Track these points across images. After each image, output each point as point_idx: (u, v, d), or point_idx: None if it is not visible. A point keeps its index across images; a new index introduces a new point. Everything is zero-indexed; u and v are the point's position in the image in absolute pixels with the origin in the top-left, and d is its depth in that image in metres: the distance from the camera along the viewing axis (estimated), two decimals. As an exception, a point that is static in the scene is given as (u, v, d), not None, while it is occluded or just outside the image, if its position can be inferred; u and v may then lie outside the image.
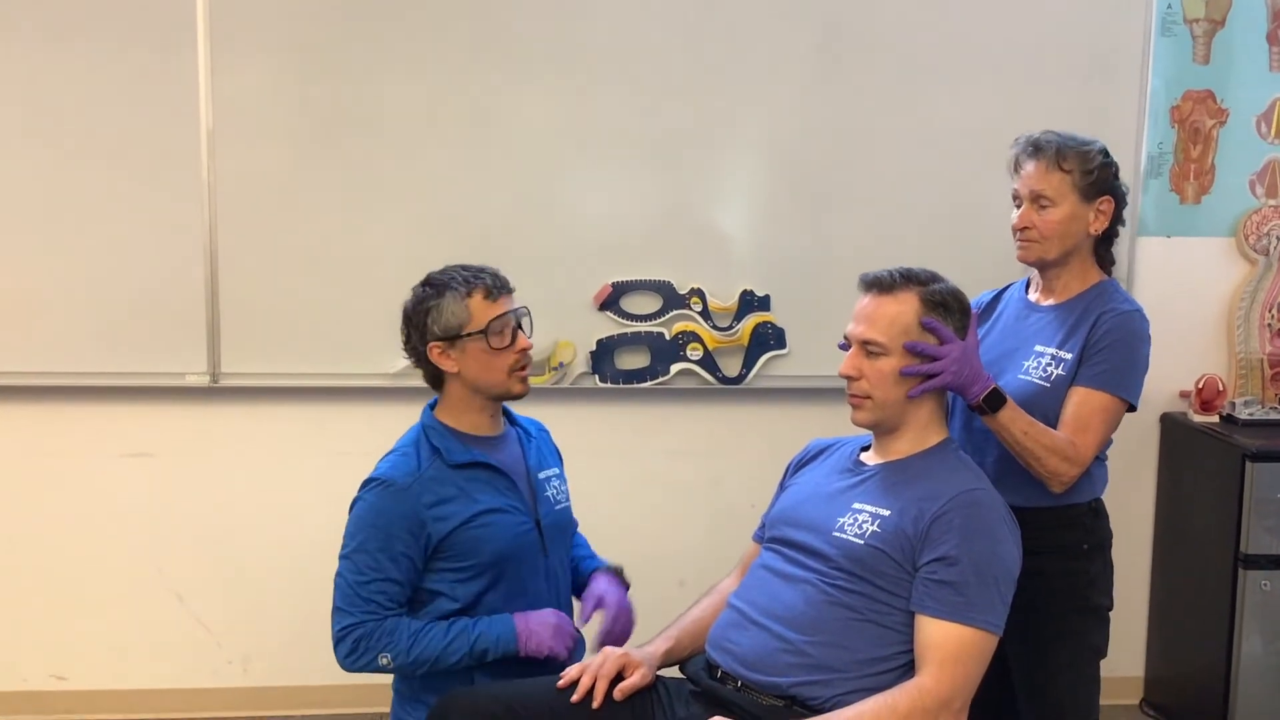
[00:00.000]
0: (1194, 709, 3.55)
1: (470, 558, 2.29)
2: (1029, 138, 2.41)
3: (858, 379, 2.15)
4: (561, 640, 2.30)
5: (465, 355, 2.32)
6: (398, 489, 2.27)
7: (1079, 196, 2.36)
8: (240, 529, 3.55)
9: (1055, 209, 2.36)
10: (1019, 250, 2.42)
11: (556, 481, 2.49)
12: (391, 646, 2.24)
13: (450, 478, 2.30)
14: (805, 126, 3.46)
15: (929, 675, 1.97)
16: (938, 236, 3.44)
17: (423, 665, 2.26)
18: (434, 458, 2.32)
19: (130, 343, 3.37)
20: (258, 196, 3.36)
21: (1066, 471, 2.27)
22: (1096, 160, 2.37)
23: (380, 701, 3.56)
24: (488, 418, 2.40)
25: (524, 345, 2.33)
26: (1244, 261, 3.66)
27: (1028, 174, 2.38)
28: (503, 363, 2.32)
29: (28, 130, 3.30)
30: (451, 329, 2.31)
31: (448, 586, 2.31)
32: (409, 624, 2.26)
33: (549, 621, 2.30)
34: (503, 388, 2.34)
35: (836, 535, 2.10)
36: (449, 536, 2.28)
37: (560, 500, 2.47)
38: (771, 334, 3.50)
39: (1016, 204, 2.42)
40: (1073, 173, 2.36)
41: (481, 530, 2.29)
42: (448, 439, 2.35)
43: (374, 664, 2.26)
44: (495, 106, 3.37)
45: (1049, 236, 2.37)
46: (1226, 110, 3.59)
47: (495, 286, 2.32)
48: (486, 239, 3.35)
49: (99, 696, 3.56)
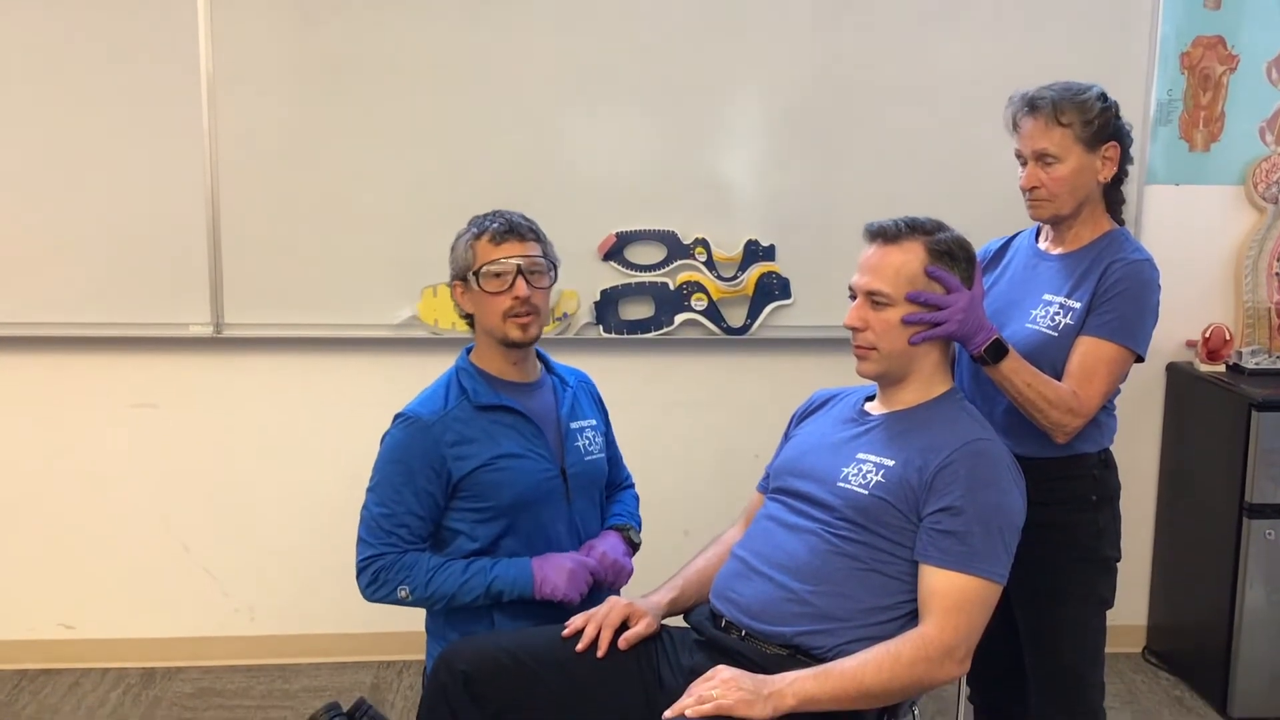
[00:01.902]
0: (1196, 658, 3.58)
1: (488, 499, 2.33)
2: (1024, 95, 2.35)
3: (863, 330, 2.13)
4: (575, 586, 2.32)
5: (473, 296, 2.36)
6: (422, 425, 2.31)
7: (1083, 148, 2.32)
8: (246, 479, 3.56)
9: (1061, 165, 2.32)
10: (1030, 210, 2.38)
11: (590, 432, 2.49)
12: (410, 580, 2.29)
13: (475, 419, 2.34)
14: (811, 75, 3.43)
15: (932, 624, 1.98)
16: (943, 185, 3.41)
17: (439, 601, 2.30)
18: (461, 398, 2.36)
19: (133, 294, 3.36)
20: (259, 146, 3.33)
21: (1069, 423, 2.26)
22: (1095, 108, 2.32)
23: (385, 650, 3.61)
24: (511, 364, 2.41)
25: (518, 292, 2.32)
26: (1253, 210, 3.63)
27: (1027, 133, 2.34)
28: (497, 306, 2.32)
29: (27, 79, 3.27)
30: (460, 269, 2.37)
31: (467, 526, 2.35)
32: (428, 559, 2.31)
33: (565, 566, 2.32)
34: (500, 332, 2.35)
35: (841, 485, 2.10)
36: (468, 476, 2.31)
37: (592, 451, 2.48)
38: (776, 284, 3.49)
39: (1021, 163, 2.38)
40: (1073, 125, 2.31)
41: (500, 474, 2.32)
42: (477, 381, 2.38)
43: (393, 596, 2.31)
44: (499, 54, 3.34)
45: (1059, 194, 2.33)
46: (1237, 56, 3.55)
47: (501, 231, 2.33)
48: (490, 187, 3.29)
49: (106, 645, 3.58)
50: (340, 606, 3.49)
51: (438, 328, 3.40)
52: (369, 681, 3.51)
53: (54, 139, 3.29)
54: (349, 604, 2.40)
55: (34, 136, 3.29)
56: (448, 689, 2.08)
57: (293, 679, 3.53)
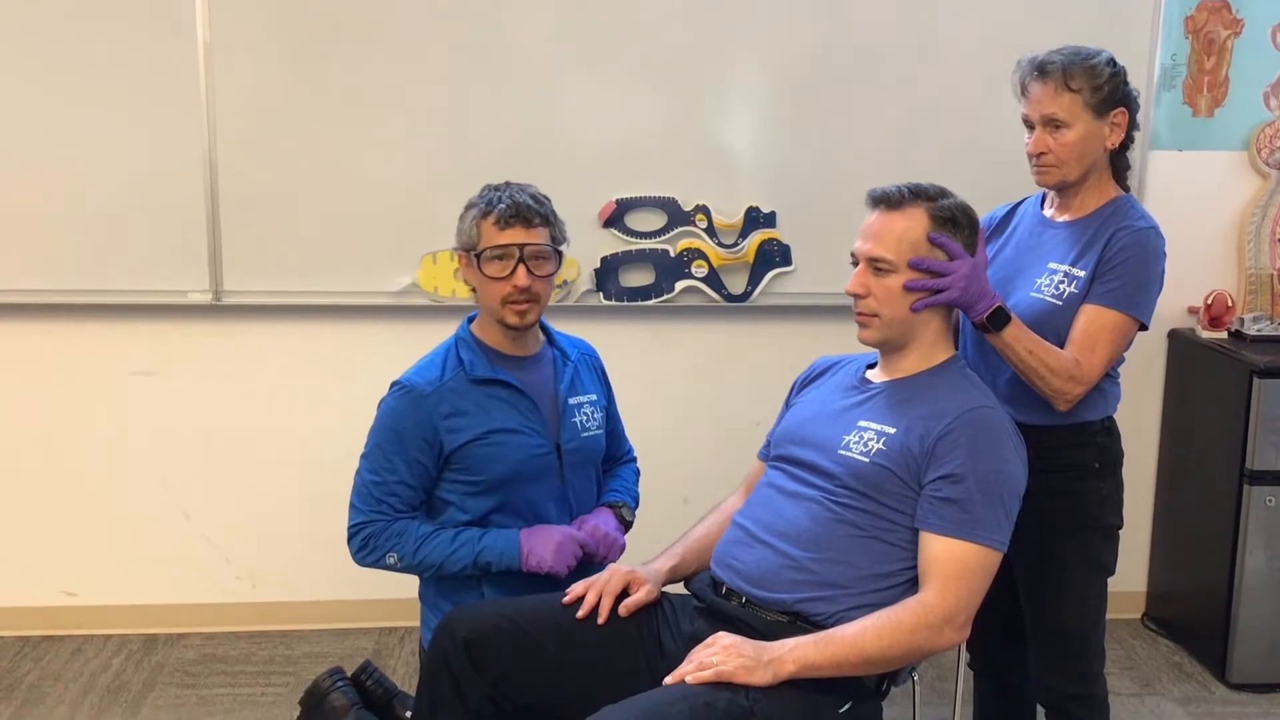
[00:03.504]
0: (1196, 624, 3.59)
1: (479, 473, 2.33)
2: (1032, 60, 2.33)
3: (865, 296, 2.12)
4: (562, 559, 2.32)
5: (474, 274, 2.35)
6: (416, 395, 2.32)
7: (1092, 114, 2.30)
8: (246, 446, 3.56)
9: (1069, 130, 2.30)
10: (1037, 175, 2.36)
11: (589, 408, 2.47)
12: (399, 547, 2.30)
13: (470, 392, 2.33)
14: (812, 39, 3.40)
15: (933, 591, 1.98)
16: (946, 152, 3.39)
17: (428, 569, 2.32)
18: (458, 369, 2.35)
19: (133, 261, 3.34)
20: (257, 111, 3.31)
21: (1071, 390, 2.25)
22: (1105, 74, 2.30)
23: (386, 616, 3.62)
24: (510, 339, 2.40)
25: (517, 281, 2.30)
26: (1256, 176, 3.62)
27: (1036, 98, 2.31)
28: (496, 291, 2.32)
29: (24, 46, 3.24)
30: (465, 245, 2.36)
31: (458, 498, 2.35)
32: (417, 527, 2.32)
33: (552, 539, 2.32)
34: (497, 314, 2.34)
35: (842, 453, 2.10)
36: (460, 450, 2.31)
37: (589, 428, 2.46)
38: (777, 251, 3.47)
39: (1028, 128, 2.36)
40: (1082, 90, 2.29)
41: (491, 448, 2.32)
42: (475, 353, 2.37)
43: (382, 562, 2.32)
44: (499, 18, 3.31)
45: (1066, 160, 2.31)
46: (1241, 21, 3.52)
47: (508, 215, 2.29)
48: (490, 154, 3.31)
49: (109, 612, 3.60)
50: (341, 573, 3.48)
51: (437, 295, 3.39)
52: (370, 648, 3.52)
53: (51, 106, 3.27)
54: (350, 570, 2.40)
55: (31, 104, 3.27)
56: (449, 655, 2.09)
57: (294, 645, 3.54)
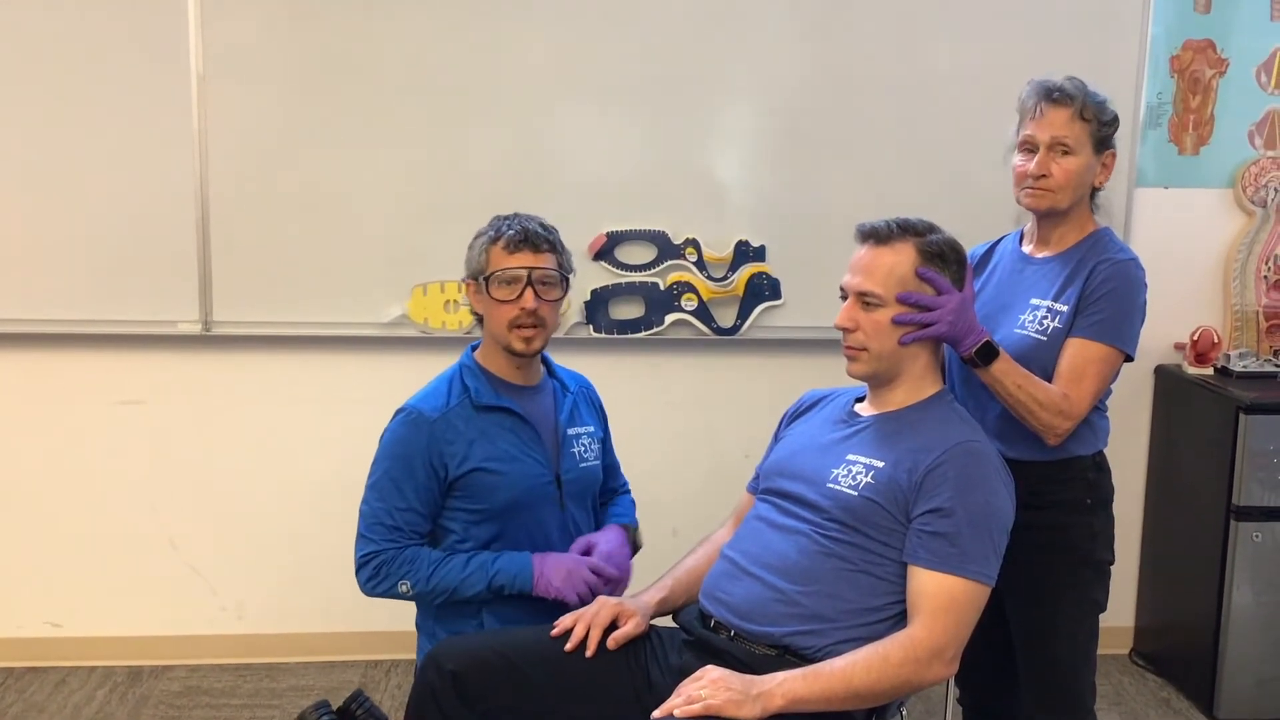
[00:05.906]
0: (1184, 660, 3.58)
1: (482, 501, 2.34)
2: (1050, 83, 2.35)
3: (854, 330, 2.13)
4: (572, 586, 2.32)
5: (482, 300, 2.37)
6: (422, 421, 2.33)
7: (1093, 148, 2.35)
8: (233, 477, 3.55)
9: (1074, 158, 2.32)
10: (1028, 198, 2.36)
11: (587, 439, 2.49)
12: (411, 574, 2.30)
13: (474, 419, 2.35)
14: (803, 75, 3.43)
15: (921, 625, 1.98)
16: (934, 187, 3.41)
17: (441, 595, 2.31)
18: (463, 396, 2.37)
19: (122, 291, 3.34)
20: (249, 143, 3.32)
21: (1060, 425, 2.26)
22: (1110, 114, 2.36)
23: (373, 649, 3.60)
24: (514, 367, 2.42)
25: (525, 304, 2.32)
26: (1241, 213, 3.64)
27: (1050, 120, 2.33)
28: (504, 315, 2.33)
29: (16, 77, 3.25)
30: (473, 271, 2.38)
31: (460, 526, 2.36)
32: (429, 554, 2.32)
33: (564, 565, 2.33)
34: (504, 340, 2.36)
35: (830, 486, 2.10)
36: (463, 477, 2.32)
37: (587, 459, 2.48)
38: (767, 284, 3.49)
39: (1026, 149, 2.36)
40: (1091, 123, 2.33)
41: (494, 477, 2.33)
42: (480, 380, 2.39)
43: (394, 591, 2.32)
44: (490, 53, 3.33)
45: (1065, 186, 2.33)
46: (1227, 60, 3.56)
47: (516, 239, 2.33)
48: (480, 186, 3.32)
49: (94, 643, 3.57)
50: (328, 605, 3.49)
51: (427, 326, 3.40)
52: (356, 681, 3.49)
53: (43, 135, 3.28)
54: (337, 602, 2.41)
55: (22, 133, 3.28)
56: (436, 688, 2.08)
57: (280, 678, 3.52)
